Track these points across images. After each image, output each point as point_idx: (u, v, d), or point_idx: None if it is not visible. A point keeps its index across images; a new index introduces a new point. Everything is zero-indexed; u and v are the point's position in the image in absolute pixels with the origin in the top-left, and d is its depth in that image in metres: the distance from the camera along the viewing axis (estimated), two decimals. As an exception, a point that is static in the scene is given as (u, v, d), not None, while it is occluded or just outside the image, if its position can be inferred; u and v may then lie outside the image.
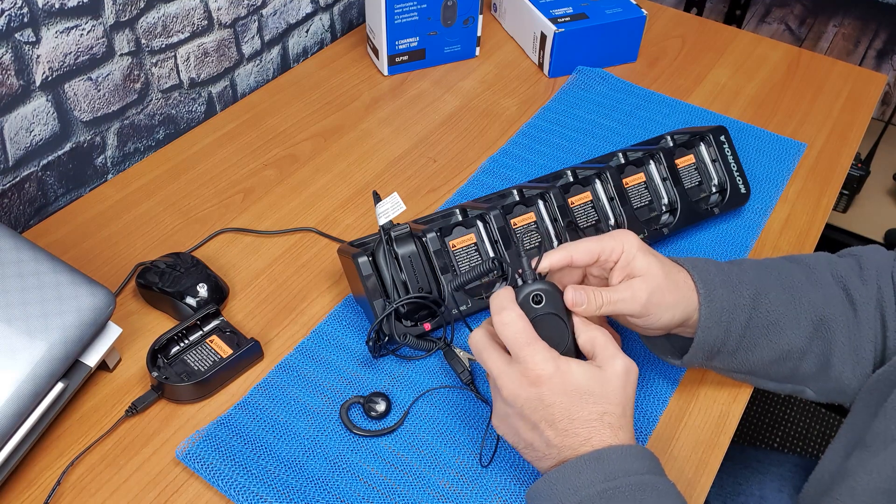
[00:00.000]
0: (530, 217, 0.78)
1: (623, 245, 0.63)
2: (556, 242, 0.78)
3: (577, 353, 0.61)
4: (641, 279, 0.62)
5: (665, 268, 0.63)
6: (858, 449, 0.61)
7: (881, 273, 0.68)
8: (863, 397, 0.65)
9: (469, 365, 0.72)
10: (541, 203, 0.79)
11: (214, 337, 0.73)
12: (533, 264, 0.62)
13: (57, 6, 0.81)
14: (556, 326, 0.60)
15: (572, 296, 0.60)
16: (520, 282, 0.62)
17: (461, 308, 0.74)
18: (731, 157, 0.86)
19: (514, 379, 0.57)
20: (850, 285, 0.67)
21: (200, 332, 0.73)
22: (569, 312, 0.61)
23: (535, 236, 0.78)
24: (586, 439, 0.55)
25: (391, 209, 0.72)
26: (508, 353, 0.58)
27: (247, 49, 1.07)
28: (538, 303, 0.60)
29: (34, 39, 0.81)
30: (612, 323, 0.71)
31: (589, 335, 0.60)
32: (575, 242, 0.64)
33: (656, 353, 0.70)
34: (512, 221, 0.77)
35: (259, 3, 1.05)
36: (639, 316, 0.62)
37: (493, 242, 0.76)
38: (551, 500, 0.55)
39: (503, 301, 0.59)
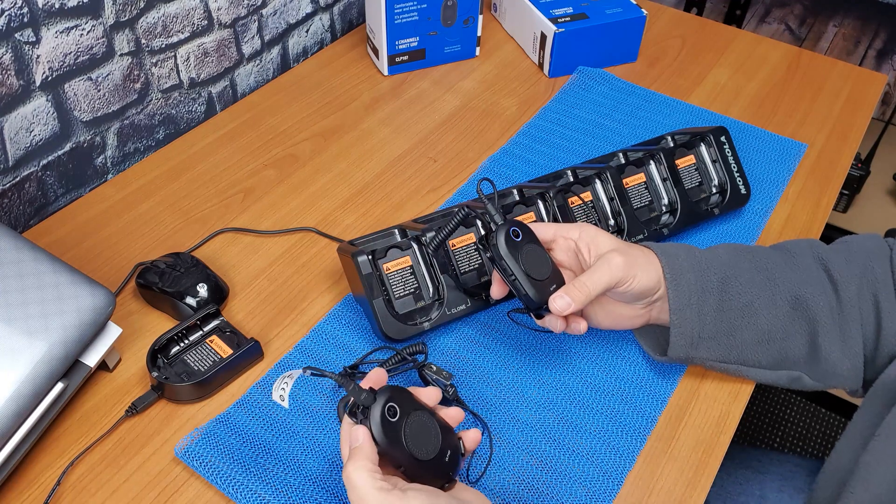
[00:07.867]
0: (530, 217, 0.78)
1: (580, 229, 0.68)
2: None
3: (558, 277, 0.66)
4: (613, 251, 0.66)
5: (627, 242, 0.68)
6: (872, 441, 0.61)
7: (872, 256, 0.68)
8: (871, 397, 0.65)
9: (450, 381, 0.68)
10: (540, 203, 0.79)
11: (214, 337, 0.73)
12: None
13: (57, 6, 0.81)
14: (537, 254, 0.65)
15: (559, 304, 0.63)
16: (492, 226, 0.65)
17: (459, 307, 0.74)
18: (732, 158, 0.86)
19: None
20: (831, 266, 0.68)
21: (200, 332, 0.73)
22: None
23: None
24: None
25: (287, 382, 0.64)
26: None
27: (247, 49, 1.07)
28: (517, 236, 0.65)
29: (34, 39, 0.81)
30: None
31: None
32: (540, 223, 0.70)
33: (648, 351, 0.72)
34: (512, 221, 0.77)
35: (259, 3, 1.05)
36: (622, 282, 0.65)
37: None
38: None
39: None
